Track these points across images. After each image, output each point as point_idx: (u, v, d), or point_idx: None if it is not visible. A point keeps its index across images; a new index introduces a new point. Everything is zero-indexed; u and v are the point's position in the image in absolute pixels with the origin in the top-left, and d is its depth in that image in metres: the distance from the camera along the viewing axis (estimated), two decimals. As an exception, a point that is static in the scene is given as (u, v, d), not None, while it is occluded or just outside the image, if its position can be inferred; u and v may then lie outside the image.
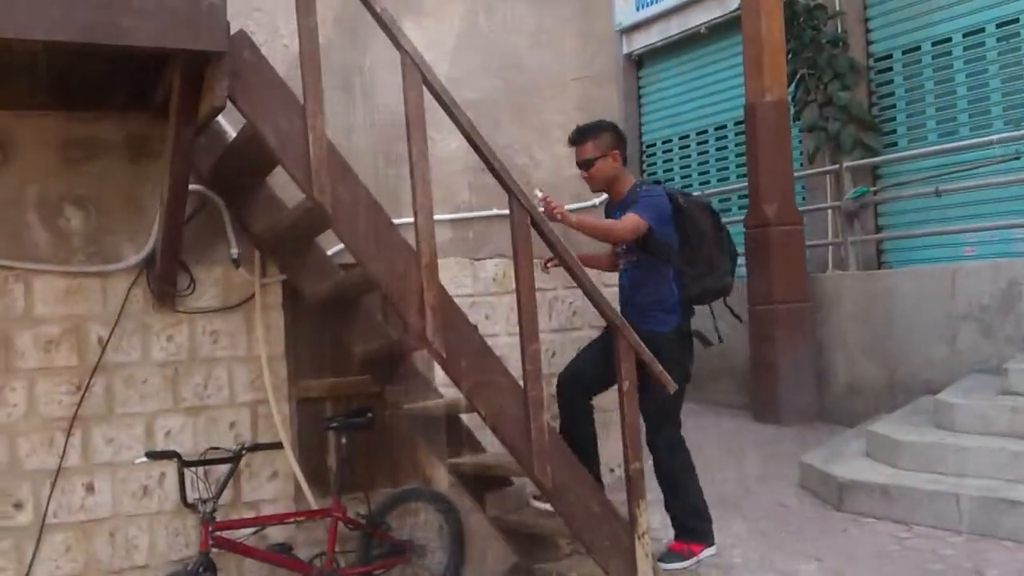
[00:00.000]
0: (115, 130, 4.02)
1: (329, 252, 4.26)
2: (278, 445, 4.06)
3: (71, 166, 3.95)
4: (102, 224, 3.98)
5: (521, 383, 3.63)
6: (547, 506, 3.94)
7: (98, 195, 3.98)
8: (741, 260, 8.45)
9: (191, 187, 3.83)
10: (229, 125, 4.03)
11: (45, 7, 3.03)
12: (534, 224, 3.78)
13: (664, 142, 11.60)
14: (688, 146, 11.20)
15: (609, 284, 4.58)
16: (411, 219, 3.63)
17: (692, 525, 4.13)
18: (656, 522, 4.29)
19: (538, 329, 3.73)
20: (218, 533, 3.69)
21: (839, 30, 9.06)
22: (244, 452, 3.87)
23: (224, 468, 3.82)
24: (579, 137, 4.18)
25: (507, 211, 4.57)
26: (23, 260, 3.84)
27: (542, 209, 3.70)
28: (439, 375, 4.22)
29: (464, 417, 4.29)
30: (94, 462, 3.92)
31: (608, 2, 5.14)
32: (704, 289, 4.14)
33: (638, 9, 11.57)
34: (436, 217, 3.65)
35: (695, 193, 4.68)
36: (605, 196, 4.36)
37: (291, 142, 3.50)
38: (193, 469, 3.77)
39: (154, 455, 3.77)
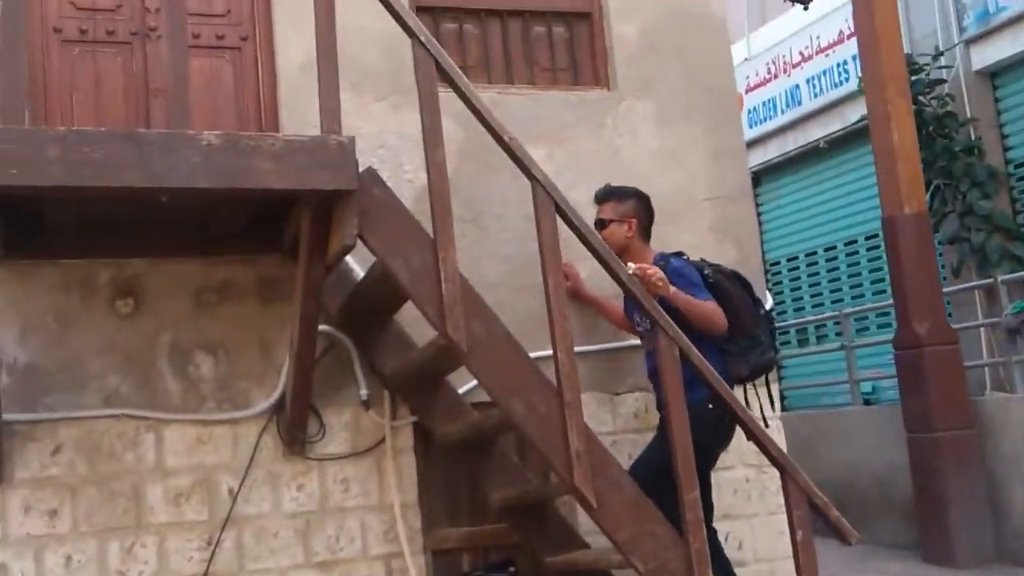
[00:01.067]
0: (246, 274, 3.97)
1: (461, 390, 4.06)
2: (414, 602, 3.78)
3: (202, 312, 3.90)
4: (232, 369, 3.89)
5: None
6: None
7: (229, 340, 3.91)
8: (892, 382, 7.96)
9: (320, 328, 3.71)
10: (356, 263, 3.94)
11: (185, 155, 3.03)
12: (683, 354, 3.53)
13: (789, 259, 11.22)
14: (816, 263, 10.79)
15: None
16: (549, 352, 3.45)
17: None
18: None
19: (695, 473, 3.42)
20: None
21: (972, 137, 8.70)
22: (379, 611, 3.60)
23: (358, 630, 3.56)
24: (603, 196, 4.10)
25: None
26: (154, 410, 3.76)
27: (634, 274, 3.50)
28: (584, 521, 3.88)
29: (616, 571, 3.92)
30: (225, 625, 3.71)
31: (737, 119, 4.94)
32: (751, 367, 3.89)
33: (751, 126, 11.44)
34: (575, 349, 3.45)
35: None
36: None
37: (422, 278, 3.38)
38: (326, 631, 3.52)
39: (286, 617, 3.54)
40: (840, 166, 10.39)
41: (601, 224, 4.04)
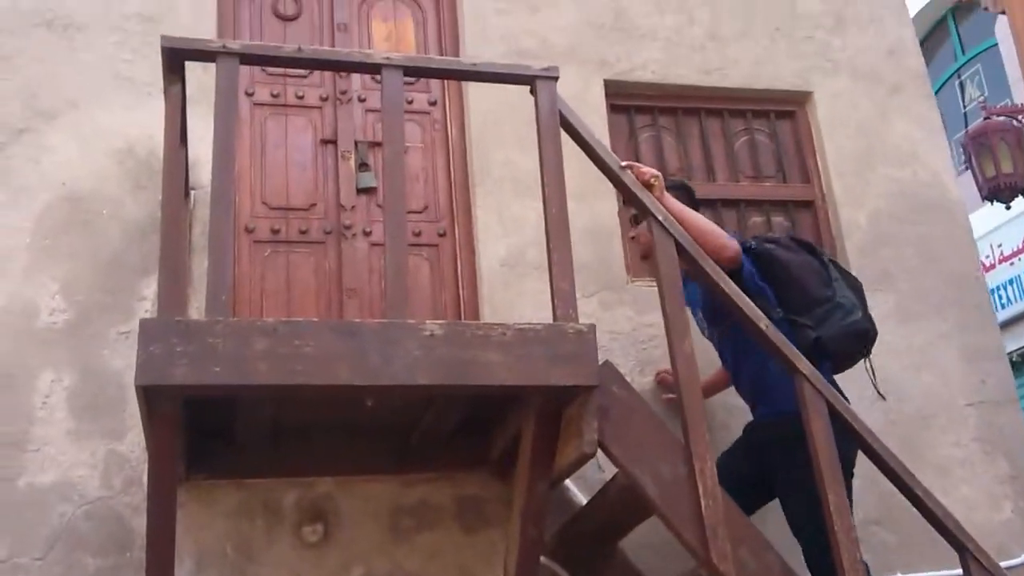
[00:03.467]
0: (444, 494, 3.45)
1: (700, 634, 3.32)
2: None
3: (398, 538, 3.36)
4: (431, 609, 3.28)
5: None
6: None
7: (427, 572, 3.32)
8: None
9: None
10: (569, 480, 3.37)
11: (406, 347, 2.61)
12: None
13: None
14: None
15: None
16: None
17: None
18: None
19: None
20: None
21: None
22: None
23: None
24: None
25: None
26: (342, 659, 3.16)
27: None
28: None
29: None
30: None
31: (991, 312, 4.30)
32: (834, 335, 3.21)
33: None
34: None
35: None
36: None
37: (675, 493, 2.82)
38: None
39: None
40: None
41: (637, 221, 3.42)
